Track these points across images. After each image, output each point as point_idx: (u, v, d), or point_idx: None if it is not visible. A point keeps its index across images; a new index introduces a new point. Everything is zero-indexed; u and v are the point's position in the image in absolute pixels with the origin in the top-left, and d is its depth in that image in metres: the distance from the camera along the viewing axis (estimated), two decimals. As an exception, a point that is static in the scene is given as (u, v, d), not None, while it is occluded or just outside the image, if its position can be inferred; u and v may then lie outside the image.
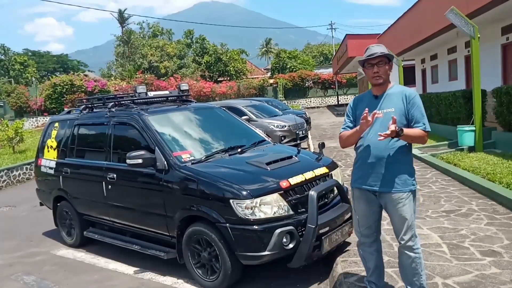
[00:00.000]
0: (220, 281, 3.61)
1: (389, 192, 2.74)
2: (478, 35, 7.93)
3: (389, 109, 2.73)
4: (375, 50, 2.74)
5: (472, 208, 4.95)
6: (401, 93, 2.77)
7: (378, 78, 2.75)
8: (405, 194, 2.73)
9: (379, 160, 2.73)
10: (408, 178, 2.75)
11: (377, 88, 2.82)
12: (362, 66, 2.83)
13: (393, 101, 2.76)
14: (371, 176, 2.77)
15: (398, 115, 2.69)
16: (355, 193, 2.93)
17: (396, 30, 18.15)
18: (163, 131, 4.30)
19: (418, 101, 2.74)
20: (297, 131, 10.60)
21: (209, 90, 33.40)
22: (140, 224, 4.42)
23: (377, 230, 2.95)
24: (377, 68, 2.74)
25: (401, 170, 2.73)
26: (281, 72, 42.42)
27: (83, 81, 28.81)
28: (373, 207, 2.86)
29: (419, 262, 2.77)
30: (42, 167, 5.72)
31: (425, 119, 2.73)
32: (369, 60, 2.75)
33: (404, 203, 2.73)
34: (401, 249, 2.80)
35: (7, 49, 59.61)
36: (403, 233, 2.75)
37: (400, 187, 2.72)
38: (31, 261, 5.03)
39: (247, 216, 3.39)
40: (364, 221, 2.91)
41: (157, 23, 54.36)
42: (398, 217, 2.75)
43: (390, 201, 2.75)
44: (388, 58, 2.76)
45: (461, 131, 8.46)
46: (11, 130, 13.30)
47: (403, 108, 2.73)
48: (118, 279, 4.25)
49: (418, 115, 2.71)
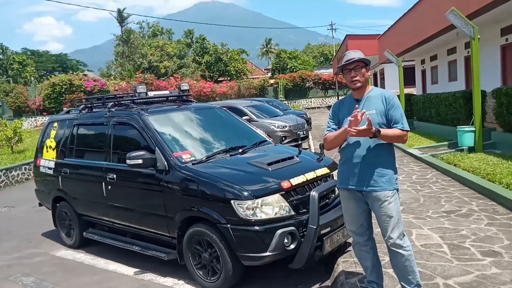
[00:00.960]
0: (221, 282, 3.59)
1: (375, 191, 2.80)
2: (478, 36, 7.94)
3: (370, 111, 2.82)
4: (351, 55, 2.88)
5: (473, 208, 4.95)
6: (381, 96, 2.89)
7: (356, 82, 2.86)
8: (390, 192, 2.81)
9: (363, 160, 2.82)
10: (392, 176, 2.84)
11: (357, 92, 2.93)
12: (341, 72, 2.95)
13: (374, 103, 2.86)
14: (356, 176, 2.85)
15: (378, 115, 2.82)
16: (343, 194, 3.00)
17: (396, 31, 18.16)
18: (163, 131, 4.28)
19: (397, 102, 2.85)
20: (298, 132, 10.59)
21: (209, 90, 33.37)
22: (140, 225, 4.40)
23: (369, 228, 3.00)
24: (354, 72, 2.85)
25: (385, 169, 2.82)
26: (282, 73, 42.43)
27: (82, 81, 28.74)
28: (362, 205, 2.93)
29: (412, 260, 2.82)
30: (41, 168, 5.70)
31: (404, 119, 2.83)
32: (346, 65, 2.87)
33: (389, 201, 2.80)
34: (391, 249, 2.84)
35: (5, 48, 59.46)
36: (391, 231, 2.80)
37: (385, 186, 2.80)
38: (30, 262, 5.01)
39: (248, 216, 3.38)
40: (355, 220, 2.97)
41: (157, 23, 54.32)
42: (385, 216, 2.80)
43: (376, 200, 2.82)
44: (364, 63, 2.87)
45: (461, 131, 8.46)
46: (10, 130, 13.25)
47: (383, 109, 2.84)
48: (118, 280, 4.24)
49: (397, 115, 2.82)
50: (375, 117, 2.79)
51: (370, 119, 2.64)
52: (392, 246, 2.82)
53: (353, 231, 3.01)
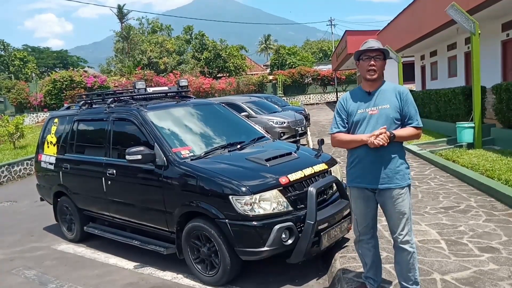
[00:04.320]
0: (219, 276, 3.63)
1: (389, 189, 2.76)
2: (478, 31, 7.92)
3: (384, 106, 2.75)
4: (374, 43, 2.77)
5: (471, 204, 4.97)
6: (394, 90, 2.80)
7: (373, 73, 2.74)
8: (404, 188, 2.78)
9: (377, 158, 2.75)
10: (406, 172, 2.80)
11: (369, 84, 2.81)
12: (357, 59, 2.82)
13: (388, 98, 2.77)
14: (370, 174, 2.78)
15: (392, 111, 2.74)
16: (353, 192, 2.94)
17: (396, 26, 18.11)
18: (162, 127, 4.30)
19: (410, 98, 2.78)
20: (296, 128, 10.59)
21: (208, 86, 33.33)
22: (139, 220, 4.43)
23: (373, 227, 2.98)
24: (374, 61, 2.73)
25: (399, 165, 2.77)
26: (280, 69, 42.31)
27: (83, 77, 28.73)
28: (370, 204, 2.88)
29: (415, 257, 2.82)
30: (42, 163, 5.73)
31: (418, 115, 2.78)
32: (367, 52, 2.75)
33: (403, 198, 2.77)
34: (399, 245, 2.81)
35: (6, 45, 59.37)
36: (401, 229, 2.77)
37: (400, 182, 2.76)
38: (31, 256, 5.05)
39: (246, 212, 3.40)
40: (362, 219, 2.93)
41: (156, 19, 54.11)
42: (397, 213, 2.77)
43: (390, 197, 2.77)
44: (384, 55, 2.78)
45: (460, 127, 8.47)
46: (12, 126, 13.34)
47: (398, 105, 2.75)
48: (118, 274, 4.27)
49: (412, 111, 2.75)
50: (390, 112, 2.73)
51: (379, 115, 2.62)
52: (401, 243, 2.79)
53: (358, 230, 2.98)
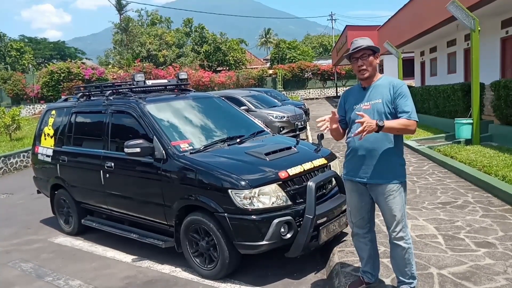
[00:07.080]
0: (218, 270, 3.64)
1: (379, 184, 2.74)
2: (478, 28, 7.91)
3: (376, 100, 2.73)
4: (358, 43, 2.72)
5: (468, 200, 4.99)
6: (389, 84, 2.74)
7: (364, 72, 2.73)
8: (396, 185, 2.73)
9: (369, 152, 2.73)
10: (399, 169, 2.75)
11: (365, 81, 2.81)
12: (349, 61, 2.82)
13: (380, 92, 2.73)
14: (361, 168, 2.77)
15: (385, 105, 2.70)
16: (347, 185, 2.95)
17: (396, 22, 18.06)
18: (161, 120, 4.28)
19: (405, 90, 2.70)
20: (296, 122, 10.58)
21: (208, 79, 33.24)
22: (138, 213, 4.42)
23: (370, 221, 2.97)
24: (361, 61, 2.72)
25: (391, 162, 2.73)
26: (281, 63, 42.19)
27: (81, 69, 28.59)
28: (365, 198, 2.87)
29: (411, 253, 2.81)
30: (39, 155, 5.70)
31: (412, 108, 2.67)
32: (353, 54, 2.74)
33: (394, 195, 2.73)
34: (393, 241, 2.82)
35: (3, 35, 58.85)
36: (394, 226, 2.77)
37: (391, 179, 2.72)
38: (28, 249, 5.05)
39: (245, 206, 3.40)
40: (356, 212, 2.93)
41: (155, 11, 53.79)
42: (389, 210, 2.75)
43: (381, 193, 2.75)
44: (373, 50, 2.74)
45: (459, 124, 8.50)
46: (8, 118, 13.25)
47: (390, 99, 2.70)
48: (116, 267, 4.27)
49: (404, 104, 2.66)
50: (381, 107, 2.69)
51: (371, 110, 2.57)
52: (395, 240, 2.79)
53: (353, 222, 2.98)
